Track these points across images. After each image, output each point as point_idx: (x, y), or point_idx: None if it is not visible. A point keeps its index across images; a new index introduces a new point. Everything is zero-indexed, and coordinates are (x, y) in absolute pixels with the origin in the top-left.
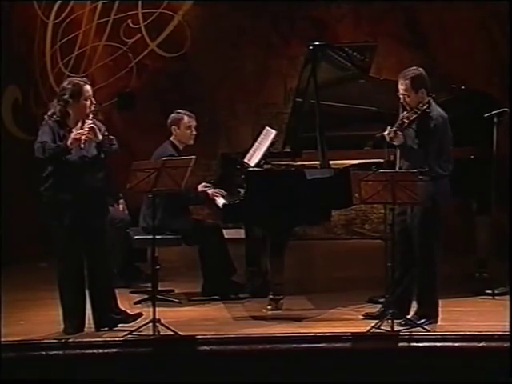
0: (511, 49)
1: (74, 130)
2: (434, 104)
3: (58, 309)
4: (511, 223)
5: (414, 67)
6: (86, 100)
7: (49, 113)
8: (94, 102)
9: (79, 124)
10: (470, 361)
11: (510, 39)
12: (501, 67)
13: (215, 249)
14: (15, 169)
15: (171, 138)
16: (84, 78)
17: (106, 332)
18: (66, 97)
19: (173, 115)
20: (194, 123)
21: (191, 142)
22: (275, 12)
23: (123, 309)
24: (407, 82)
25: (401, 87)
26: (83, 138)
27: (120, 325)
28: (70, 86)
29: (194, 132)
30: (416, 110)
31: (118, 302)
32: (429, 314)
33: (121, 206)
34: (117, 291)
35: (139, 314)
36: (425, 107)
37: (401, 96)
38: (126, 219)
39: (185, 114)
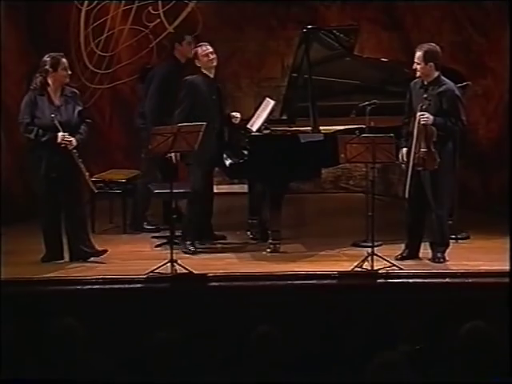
0: (511, 44)
1: (54, 98)
2: (443, 78)
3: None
4: (510, 191)
5: (432, 43)
6: (63, 70)
7: (32, 85)
8: (70, 72)
9: (58, 93)
10: (437, 295)
11: (510, 37)
12: (465, 46)
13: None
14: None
15: (202, 70)
16: (61, 54)
17: (130, 270)
18: (46, 67)
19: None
20: (210, 48)
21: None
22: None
23: (94, 244)
24: (420, 53)
25: (415, 55)
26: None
27: (92, 258)
28: (49, 59)
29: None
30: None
31: (91, 238)
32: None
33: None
34: (142, 236)
35: (105, 251)
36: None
37: (414, 63)
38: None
39: (200, 45)
